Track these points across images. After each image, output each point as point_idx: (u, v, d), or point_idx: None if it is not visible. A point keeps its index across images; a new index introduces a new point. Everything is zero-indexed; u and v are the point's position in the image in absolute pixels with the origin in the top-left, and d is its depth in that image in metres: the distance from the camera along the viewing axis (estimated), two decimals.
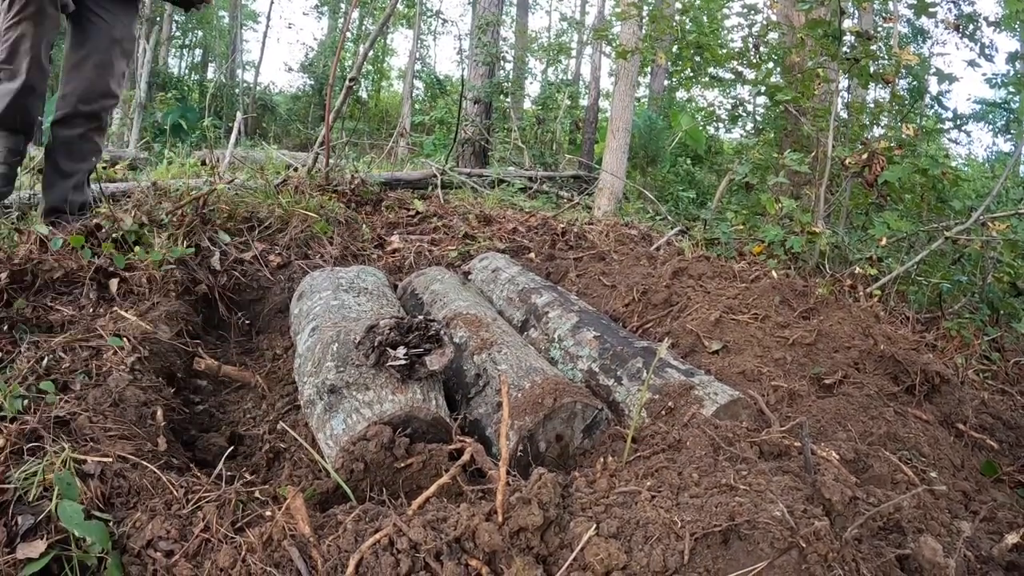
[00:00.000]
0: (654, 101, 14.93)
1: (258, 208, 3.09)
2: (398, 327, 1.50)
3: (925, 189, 3.67)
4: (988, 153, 15.97)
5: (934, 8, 4.18)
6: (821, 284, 2.71)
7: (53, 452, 1.12)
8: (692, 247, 3.60)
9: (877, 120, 4.81)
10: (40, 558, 0.86)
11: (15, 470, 1.06)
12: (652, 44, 5.40)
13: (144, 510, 1.00)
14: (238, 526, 1.00)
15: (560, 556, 0.86)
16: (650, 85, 16.10)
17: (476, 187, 6.00)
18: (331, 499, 1.19)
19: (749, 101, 10.17)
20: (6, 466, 1.09)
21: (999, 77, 10.29)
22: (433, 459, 1.26)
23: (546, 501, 0.91)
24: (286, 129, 16.12)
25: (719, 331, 2.12)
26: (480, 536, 0.88)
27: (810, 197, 3.96)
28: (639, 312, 2.41)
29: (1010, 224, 3.10)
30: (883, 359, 1.92)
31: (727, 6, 10.80)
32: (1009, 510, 1.32)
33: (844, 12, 3.40)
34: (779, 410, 1.67)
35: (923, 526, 1.09)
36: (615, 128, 6.80)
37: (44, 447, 1.14)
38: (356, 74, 4.62)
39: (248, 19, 22.32)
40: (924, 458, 1.51)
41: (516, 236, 3.70)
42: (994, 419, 1.80)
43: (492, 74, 12.07)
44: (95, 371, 1.53)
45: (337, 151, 5.05)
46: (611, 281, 2.68)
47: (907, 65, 3.66)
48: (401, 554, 0.86)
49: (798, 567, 0.87)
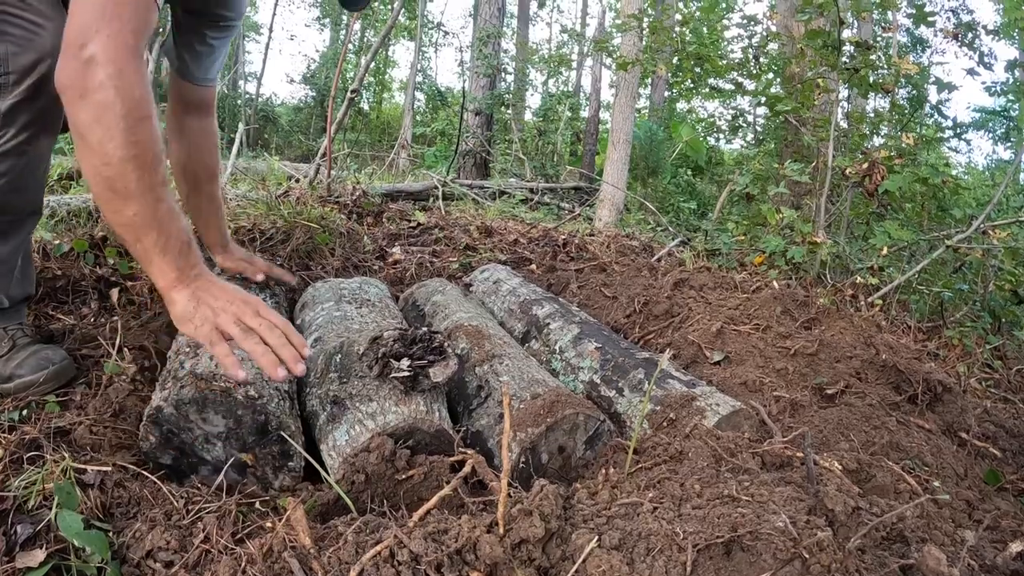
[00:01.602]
0: (655, 112, 14.99)
1: (260, 219, 3.10)
2: (402, 338, 1.50)
3: (926, 198, 3.68)
4: (988, 161, 16.01)
5: (933, 17, 4.20)
6: (822, 294, 2.71)
7: (53, 461, 1.12)
8: (693, 258, 3.60)
9: (877, 129, 4.83)
10: (40, 567, 0.85)
11: (15, 479, 1.06)
12: (652, 55, 5.43)
13: (144, 520, 0.99)
14: (238, 537, 1.00)
15: (562, 568, 0.85)
16: (651, 96, 16.18)
17: (477, 199, 6.02)
18: (332, 510, 1.18)
19: (749, 112, 10.21)
20: (6, 475, 1.09)
21: (998, 85, 10.34)
22: (435, 471, 1.26)
23: (548, 513, 0.90)
24: (288, 140, 16.20)
25: (720, 342, 2.12)
26: (481, 548, 0.87)
27: (811, 207, 3.96)
28: (640, 323, 2.41)
29: (1011, 232, 3.10)
30: (885, 368, 1.92)
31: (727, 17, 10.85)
32: (1013, 519, 1.32)
33: (843, 22, 3.42)
34: (781, 420, 1.66)
35: (927, 535, 1.08)
36: (616, 139, 6.82)
37: (44, 456, 1.14)
38: (358, 86, 4.65)
39: (250, 30, 22.46)
40: (927, 467, 1.50)
41: (517, 248, 3.70)
42: (997, 427, 1.80)
43: (493, 86, 12.13)
44: (95, 381, 1.53)
45: (339, 163, 5.08)
46: (612, 292, 2.68)
47: (906, 74, 3.68)
48: (402, 566, 0.86)
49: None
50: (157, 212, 1.23)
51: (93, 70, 1.16)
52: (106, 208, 1.24)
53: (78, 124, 1.18)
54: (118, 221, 1.24)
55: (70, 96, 1.18)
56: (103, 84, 1.15)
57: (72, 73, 1.17)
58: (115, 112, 1.16)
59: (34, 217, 1.58)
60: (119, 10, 1.20)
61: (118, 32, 1.18)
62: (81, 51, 1.16)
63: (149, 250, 1.25)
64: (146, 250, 1.25)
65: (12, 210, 1.49)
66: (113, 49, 1.17)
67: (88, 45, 1.16)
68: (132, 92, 1.18)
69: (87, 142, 1.18)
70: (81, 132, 1.18)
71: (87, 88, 1.16)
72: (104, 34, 1.17)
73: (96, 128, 1.16)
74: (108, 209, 1.24)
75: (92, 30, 1.17)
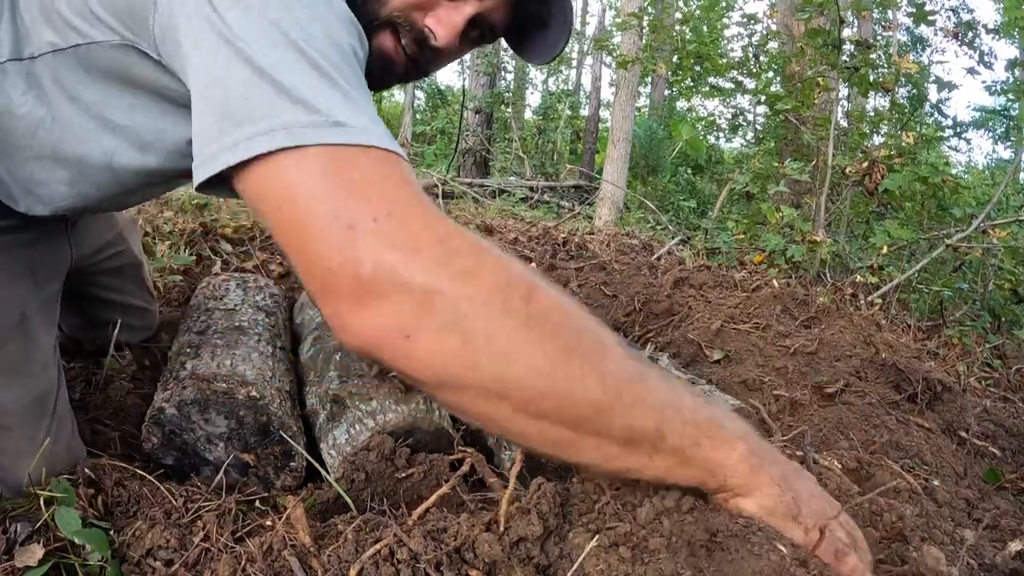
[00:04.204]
0: (655, 111, 14.99)
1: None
2: None
3: (926, 197, 3.68)
4: (988, 160, 16.02)
5: (933, 16, 4.20)
6: (822, 293, 2.71)
7: None
8: (693, 256, 3.60)
9: (877, 128, 4.83)
10: (39, 565, 0.86)
11: None
12: (652, 54, 5.43)
13: (144, 519, 0.99)
14: (238, 536, 1.00)
15: (560, 566, 0.85)
16: (650, 95, 16.17)
17: (477, 197, 6.02)
18: (332, 508, 1.18)
19: (749, 110, 10.22)
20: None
21: (998, 84, 10.35)
22: (434, 469, 1.26)
23: (545, 511, 0.90)
24: None
25: (720, 340, 2.12)
26: (480, 546, 0.87)
27: (811, 206, 3.96)
28: (640, 322, 2.41)
29: (1011, 231, 3.11)
30: (885, 367, 1.92)
31: (727, 16, 10.87)
32: (1012, 517, 1.32)
33: (844, 21, 3.42)
34: (781, 419, 1.66)
35: (926, 534, 1.08)
36: (616, 138, 6.82)
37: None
38: None
39: None
40: (927, 466, 1.50)
41: (517, 246, 3.70)
42: (996, 426, 1.80)
43: (493, 84, 12.14)
44: (95, 379, 1.53)
45: None
46: (612, 291, 2.68)
47: (907, 73, 3.68)
48: (402, 564, 0.86)
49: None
50: (661, 395, 0.75)
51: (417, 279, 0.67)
52: (586, 453, 0.76)
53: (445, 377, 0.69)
54: (611, 455, 0.76)
55: (396, 342, 0.68)
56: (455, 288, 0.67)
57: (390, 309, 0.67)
58: (501, 309, 0.67)
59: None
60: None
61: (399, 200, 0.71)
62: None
63: (683, 448, 0.76)
64: (679, 448, 0.76)
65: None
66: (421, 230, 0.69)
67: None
68: (506, 269, 0.71)
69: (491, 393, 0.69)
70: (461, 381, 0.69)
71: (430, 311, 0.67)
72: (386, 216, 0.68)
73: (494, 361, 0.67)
74: (588, 452, 0.76)
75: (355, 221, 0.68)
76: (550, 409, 0.70)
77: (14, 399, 1.05)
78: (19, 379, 1.06)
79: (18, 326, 1.08)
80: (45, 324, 1.14)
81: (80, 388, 1.49)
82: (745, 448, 0.78)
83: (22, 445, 1.02)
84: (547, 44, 1.17)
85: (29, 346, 1.09)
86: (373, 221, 0.67)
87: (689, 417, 0.76)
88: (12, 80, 0.97)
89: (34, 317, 1.10)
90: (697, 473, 0.79)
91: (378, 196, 0.69)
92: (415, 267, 0.66)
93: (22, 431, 1.04)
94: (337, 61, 0.77)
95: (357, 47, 0.83)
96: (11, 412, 1.04)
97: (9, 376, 1.05)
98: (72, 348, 1.62)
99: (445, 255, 0.68)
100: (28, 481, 1.00)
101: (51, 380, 1.12)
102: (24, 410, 1.05)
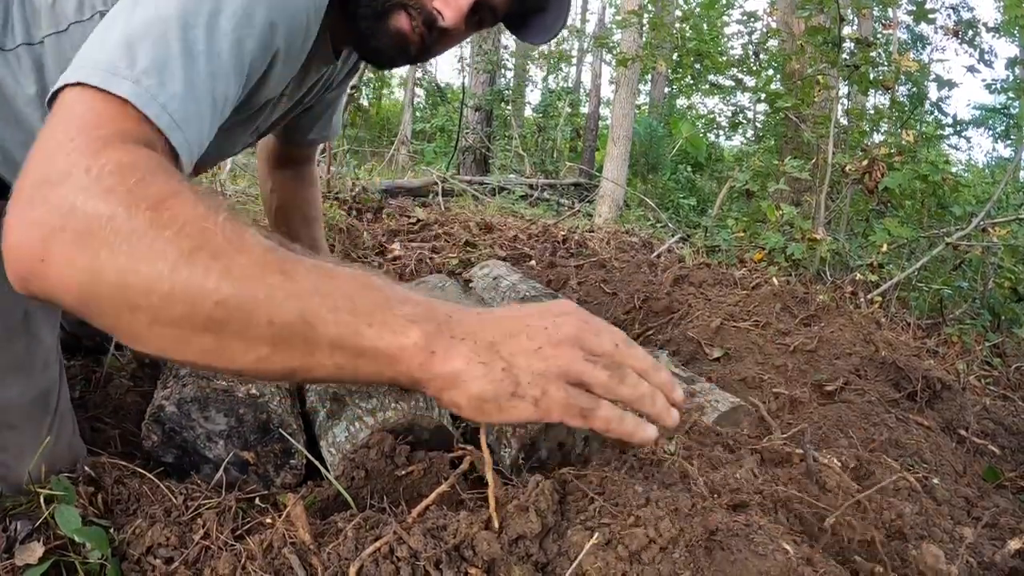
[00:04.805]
0: (655, 108, 14.98)
1: (260, 216, 3.10)
2: None
3: (926, 195, 3.68)
4: (988, 158, 16.00)
5: (933, 15, 4.20)
6: (822, 291, 2.71)
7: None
8: (693, 254, 3.60)
9: (877, 126, 4.83)
10: (39, 563, 0.86)
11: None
12: (652, 51, 5.42)
13: (144, 517, 0.99)
14: (238, 533, 1.00)
15: (558, 564, 0.85)
16: (650, 93, 16.16)
17: (477, 195, 6.02)
18: (331, 506, 1.18)
19: (749, 108, 10.21)
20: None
21: (999, 82, 10.32)
22: (434, 467, 1.26)
23: (544, 508, 0.91)
24: None
25: (720, 338, 2.12)
26: (479, 544, 0.88)
27: (811, 204, 3.96)
28: (640, 319, 2.41)
29: (1011, 229, 3.11)
30: (884, 365, 1.92)
31: (727, 14, 10.85)
32: (1011, 516, 1.32)
33: (844, 19, 3.42)
34: (780, 417, 1.66)
35: (925, 532, 1.08)
36: (616, 136, 6.82)
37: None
38: (357, 82, 4.64)
39: None
40: (926, 464, 1.50)
41: (517, 244, 3.70)
42: (996, 425, 1.80)
43: (493, 82, 12.12)
44: (95, 377, 1.53)
45: (338, 159, 5.08)
46: (612, 288, 2.68)
47: (907, 71, 3.68)
48: (401, 562, 0.86)
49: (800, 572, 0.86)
50: (305, 284, 0.68)
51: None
52: (238, 359, 0.69)
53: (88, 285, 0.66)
54: (264, 356, 0.69)
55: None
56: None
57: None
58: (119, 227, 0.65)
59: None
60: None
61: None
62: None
63: (342, 337, 0.68)
64: (337, 339, 0.68)
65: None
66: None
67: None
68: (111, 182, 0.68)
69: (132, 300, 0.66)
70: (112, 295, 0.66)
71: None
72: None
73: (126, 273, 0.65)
74: (240, 357, 0.69)
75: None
76: (181, 315, 0.66)
77: (19, 397, 1.05)
78: (23, 377, 1.06)
79: (22, 323, 1.08)
80: (47, 321, 1.14)
81: (80, 386, 1.49)
82: (420, 333, 0.70)
83: (26, 443, 1.02)
84: (546, 24, 1.23)
85: (32, 343, 1.09)
86: (67, 155, 0.68)
87: (343, 304, 0.69)
88: (25, 64, 0.99)
89: (36, 314, 1.10)
90: (378, 367, 0.71)
91: (85, 136, 0.69)
92: (61, 191, 0.66)
93: (27, 429, 1.04)
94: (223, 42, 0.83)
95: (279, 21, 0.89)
96: (16, 410, 1.04)
97: (14, 374, 1.05)
98: (71, 344, 1.62)
99: (94, 179, 0.66)
100: (28, 479, 1.00)
101: (53, 378, 1.12)
102: (28, 408, 1.05)
